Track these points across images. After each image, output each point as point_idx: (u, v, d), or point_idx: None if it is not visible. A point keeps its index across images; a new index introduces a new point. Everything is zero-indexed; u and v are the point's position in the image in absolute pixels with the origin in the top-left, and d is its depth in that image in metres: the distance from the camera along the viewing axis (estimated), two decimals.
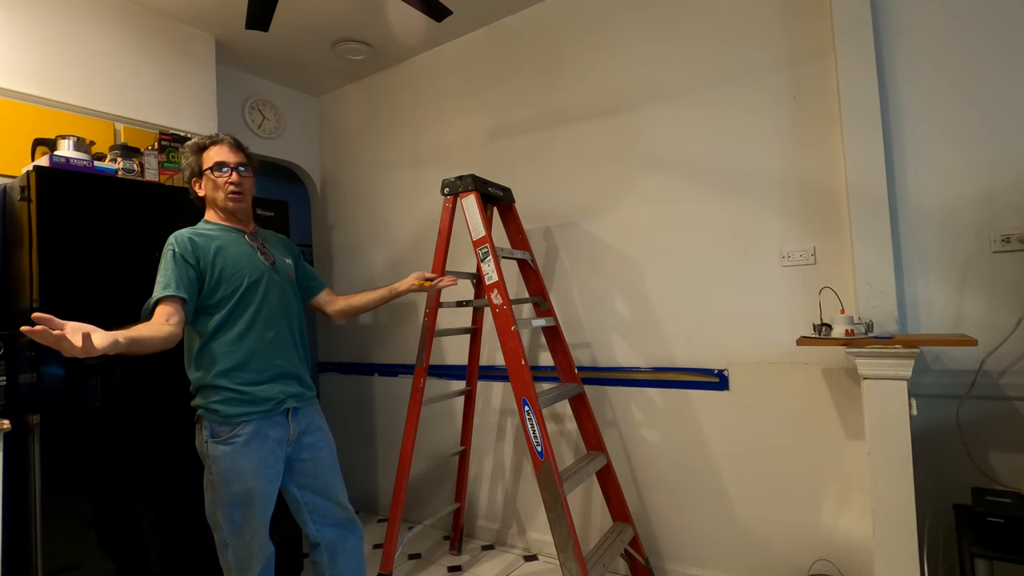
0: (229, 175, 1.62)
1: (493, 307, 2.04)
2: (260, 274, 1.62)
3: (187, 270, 1.51)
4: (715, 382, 2.21)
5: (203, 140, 1.66)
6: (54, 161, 1.94)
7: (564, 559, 1.82)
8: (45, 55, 2.29)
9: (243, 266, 1.60)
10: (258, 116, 3.33)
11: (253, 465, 1.51)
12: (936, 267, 1.84)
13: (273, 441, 1.56)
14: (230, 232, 1.65)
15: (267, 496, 1.56)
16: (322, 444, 1.70)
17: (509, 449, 2.80)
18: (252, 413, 1.53)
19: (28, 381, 1.85)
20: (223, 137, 1.66)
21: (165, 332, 1.40)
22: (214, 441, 1.51)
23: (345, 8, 2.67)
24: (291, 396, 1.61)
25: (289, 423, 1.61)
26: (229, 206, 1.63)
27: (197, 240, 1.56)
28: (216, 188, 1.62)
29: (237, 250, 1.61)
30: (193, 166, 1.65)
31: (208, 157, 1.63)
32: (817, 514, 2.01)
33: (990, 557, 1.43)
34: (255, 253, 1.65)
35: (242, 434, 1.51)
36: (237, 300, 1.56)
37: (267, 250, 1.70)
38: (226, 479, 1.50)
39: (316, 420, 1.71)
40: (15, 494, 1.83)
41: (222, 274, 1.56)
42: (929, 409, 1.78)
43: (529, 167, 2.72)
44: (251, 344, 1.56)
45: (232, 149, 1.65)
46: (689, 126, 2.29)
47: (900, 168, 1.89)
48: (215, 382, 1.53)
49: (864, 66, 1.88)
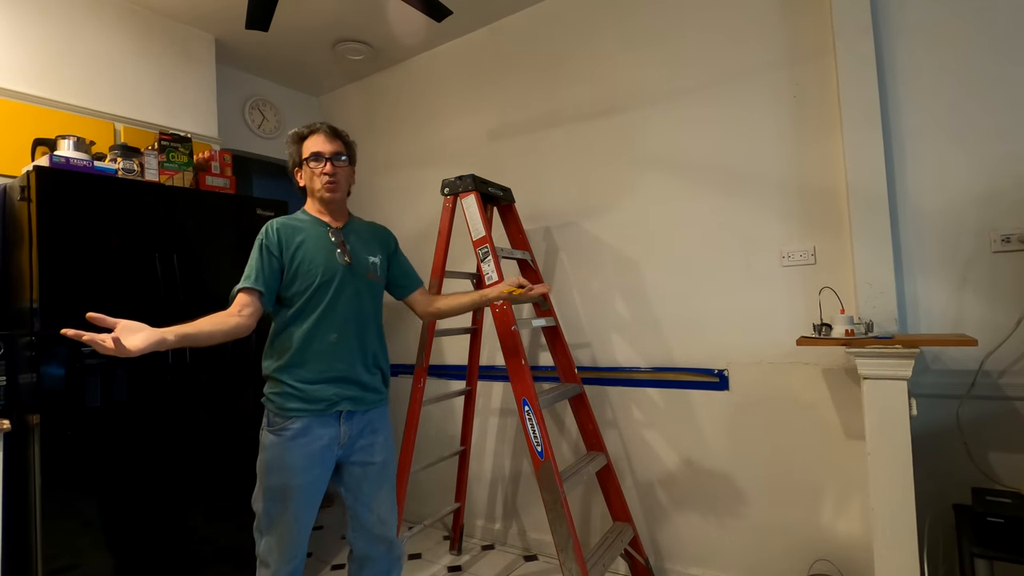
0: (324, 165, 1.60)
1: (493, 307, 2.04)
2: (333, 274, 1.58)
3: (270, 261, 1.53)
4: (715, 382, 2.21)
5: (302, 129, 1.65)
6: (54, 161, 1.94)
7: (564, 559, 1.82)
8: (45, 55, 2.29)
9: (318, 263, 1.57)
10: (258, 116, 3.33)
11: (295, 460, 1.49)
12: (936, 267, 1.84)
13: (323, 442, 1.52)
14: (318, 226, 1.63)
15: (306, 496, 1.51)
16: (377, 452, 1.63)
17: (509, 449, 2.80)
18: (304, 410, 1.51)
19: (28, 381, 1.85)
20: (320, 126, 1.65)
21: (231, 324, 1.43)
22: (268, 430, 1.53)
23: (345, 8, 2.67)
24: (347, 399, 1.56)
25: (341, 425, 1.56)
26: (325, 196, 1.62)
27: (284, 231, 1.57)
28: (312, 178, 1.62)
29: (317, 246, 1.59)
30: (294, 156, 1.65)
31: (306, 147, 1.63)
32: (817, 514, 2.01)
33: (990, 557, 1.43)
34: (334, 251, 1.60)
35: (291, 428, 1.50)
36: (307, 298, 1.55)
37: (349, 248, 1.64)
38: (268, 468, 1.51)
39: (375, 424, 1.64)
40: (15, 494, 1.83)
41: (298, 269, 1.55)
42: (929, 409, 1.78)
43: (529, 167, 2.72)
44: (313, 344, 1.54)
45: (328, 138, 1.63)
46: (689, 126, 2.29)
47: (900, 168, 1.89)
48: (276, 375, 1.54)
49: (864, 66, 1.88)
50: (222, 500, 2.21)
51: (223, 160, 2.45)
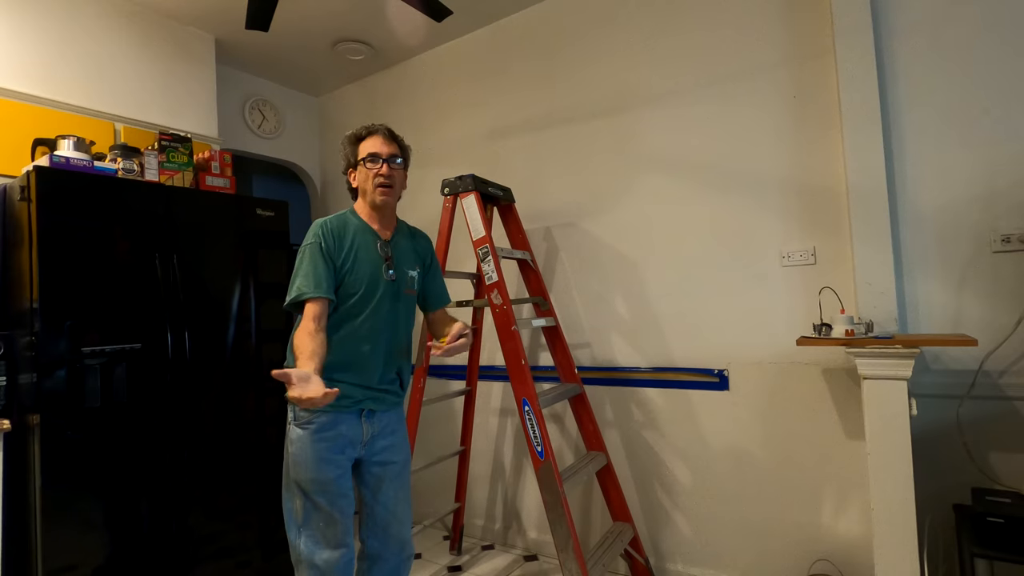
0: (380, 167, 1.60)
1: (493, 307, 2.04)
2: (376, 289, 1.58)
3: (328, 264, 1.53)
4: (715, 382, 2.21)
5: (360, 130, 1.65)
6: (54, 161, 1.94)
7: (564, 559, 1.82)
8: (45, 55, 2.29)
9: (363, 276, 1.57)
10: (258, 116, 3.33)
11: (320, 454, 1.50)
12: (936, 267, 1.84)
13: (346, 439, 1.54)
14: (367, 233, 1.62)
15: (336, 487, 1.52)
16: (396, 453, 1.65)
17: (509, 449, 2.80)
18: (330, 406, 1.49)
19: (28, 381, 1.85)
20: (379, 127, 1.65)
21: (324, 340, 1.47)
22: (295, 424, 1.53)
23: (345, 8, 2.67)
24: (369, 399, 1.58)
25: (363, 424, 1.57)
26: (377, 200, 1.60)
27: (337, 232, 1.57)
28: (367, 179, 1.61)
29: (366, 257, 1.59)
30: (349, 156, 1.65)
31: (363, 148, 1.62)
32: (817, 514, 2.01)
33: (990, 557, 1.43)
34: (380, 264, 1.60)
35: (316, 422, 1.51)
36: (348, 307, 1.55)
37: (394, 263, 1.63)
38: (295, 463, 1.51)
39: (393, 424, 1.66)
40: (15, 494, 1.83)
41: (345, 276, 1.55)
42: (929, 409, 1.78)
43: (529, 167, 2.72)
44: (344, 351, 1.54)
45: (386, 140, 1.63)
46: (690, 126, 2.29)
47: (900, 168, 1.89)
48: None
49: (864, 66, 1.88)
50: (222, 500, 2.21)
51: (223, 160, 2.45)
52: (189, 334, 2.14)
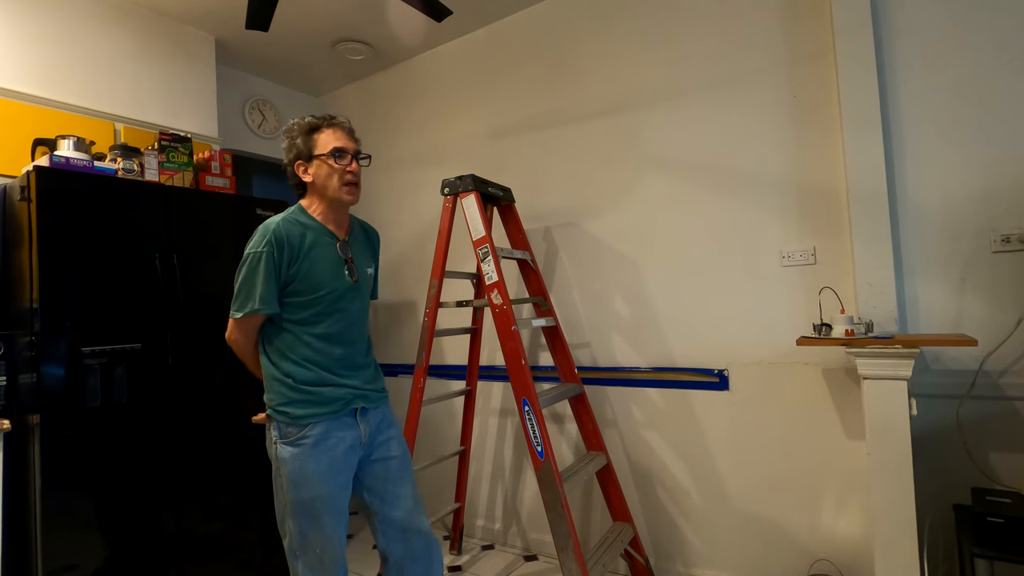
0: (349, 163, 1.49)
1: (493, 307, 2.04)
2: (339, 292, 1.51)
3: (277, 278, 1.44)
4: (715, 382, 2.21)
5: (315, 120, 1.51)
6: (54, 161, 1.94)
7: (564, 559, 1.82)
8: (45, 55, 2.29)
9: (325, 281, 1.49)
10: (258, 116, 3.33)
11: (321, 469, 1.42)
12: (936, 267, 1.84)
13: (346, 445, 1.47)
14: (324, 235, 1.52)
15: (337, 504, 1.45)
16: (394, 447, 1.59)
17: (509, 449, 2.80)
18: (320, 414, 1.44)
19: (28, 381, 1.85)
20: (340, 119, 1.53)
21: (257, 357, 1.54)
22: (283, 442, 1.44)
23: (345, 8, 2.67)
24: (358, 397, 1.52)
25: (359, 423, 1.51)
26: (344, 199, 1.50)
27: (291, 237, 1.45)
28: (331, 176, 1.48)
29: (326, 262, 1.50)
30: (300, 147, 1.50)
31: (322, 140, 1.49)
32: (817, 514, 2.01)
33: (990, 557, 1.43)
34: (342, 268, 1.52)
35: (310, 436, 1.43)
36: (313, 313, 1.48)
37: (354, 265, 1.56)
38: (294, 483, 1.42)
39: (388, 419, 1.61)
40: (15, 494, 1.83)
41: (305, 279, 1.46)
42: (929, 409, 1.78)
43: (529, 167, 2.72)
44: (320, 358, 1.48)
45: (349, 135, 1.53)
46: (690, 126, 2.29)
47: (900, 168, 1.89)
48: (281, 377, 1.47)
49: (864, 66, 1.88)
50: (221, 500, 2.21)
51: (223, 160, 2.45)
52: (189, 334, 2.14)
